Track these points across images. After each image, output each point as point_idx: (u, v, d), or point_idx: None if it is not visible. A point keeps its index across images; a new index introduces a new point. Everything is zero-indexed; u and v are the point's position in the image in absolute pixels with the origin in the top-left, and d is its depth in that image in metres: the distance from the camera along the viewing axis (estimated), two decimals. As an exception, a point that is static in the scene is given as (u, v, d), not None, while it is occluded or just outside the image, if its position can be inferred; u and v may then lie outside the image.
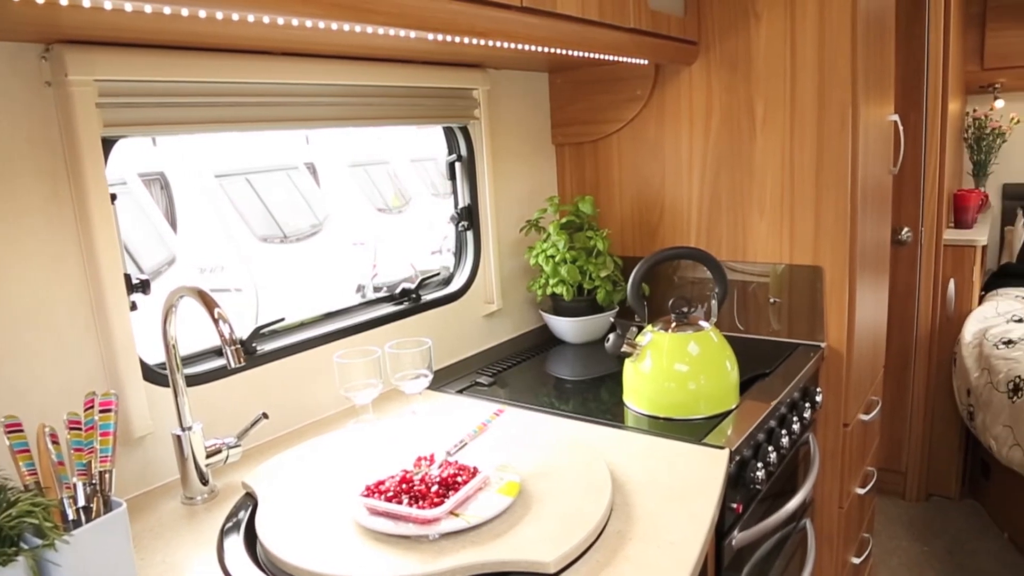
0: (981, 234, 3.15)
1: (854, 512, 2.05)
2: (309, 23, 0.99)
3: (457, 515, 1.03)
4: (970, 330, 2.96)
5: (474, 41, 1.21)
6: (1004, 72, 3.60)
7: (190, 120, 1.25)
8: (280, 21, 0.97)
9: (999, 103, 3.78)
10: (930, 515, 3.13)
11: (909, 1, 2.88)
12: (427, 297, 1.77)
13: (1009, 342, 2.72)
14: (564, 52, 1.46)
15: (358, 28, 1.06)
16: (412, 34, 1.13)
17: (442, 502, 1.03)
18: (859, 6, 1.64)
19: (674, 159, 1.90)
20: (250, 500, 1.18)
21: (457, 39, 1.18)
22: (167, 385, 1.23)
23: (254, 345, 1.42)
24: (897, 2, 2.83)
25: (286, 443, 1.39)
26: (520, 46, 1.31)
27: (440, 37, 1.16)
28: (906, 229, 3.00)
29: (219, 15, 0.90)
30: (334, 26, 1.02)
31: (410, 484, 1.08)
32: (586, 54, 1.53)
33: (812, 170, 1.71)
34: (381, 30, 1.09)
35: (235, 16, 0.90)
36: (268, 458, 1.30)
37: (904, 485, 3.26)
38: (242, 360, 1.08)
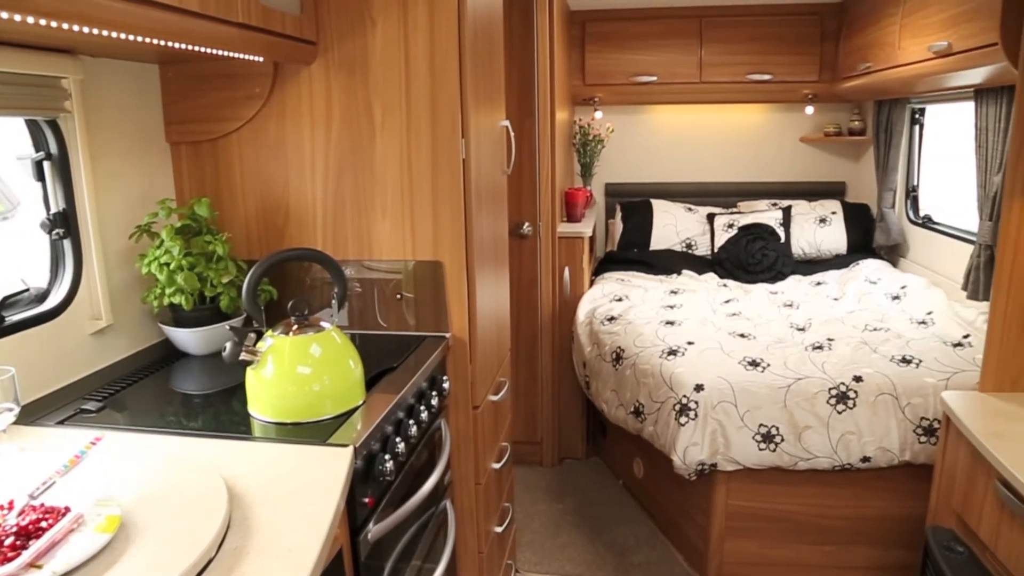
0: (588, 227, 3.62)
1: (492, 486, 2.22)
2: None
3: (39, 567, 0.90)
4: (583, 310, 3.39)
5: (41, 21, 1.06)
6: (601, 88, 4.18)
7: None
8: None
9: (598, 114, 4.38)
10: (563, 477, 3.53)
11: (520, 22, 3.19)
12: (14, 318, 1.52)
13: (612, 319, 3.17)
14: (164, 43, 1.36)
15: None
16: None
17: (18, 555, 0.90)
18: (465, 22, 1.77)
19: (297, 159, 1.88)
20: None
21: (17, 17, 1.03)
22: None
23: None
24: (510, 22, 3.13)
25: None
26: (111, 33, 1.19)
27: (-8, 13, 1.00)
28: (527, 224, 3.33)
29: None
30: None
31: (-23, 540, 0.92)
32: (191, 47, 1.44)
33: (428, 171, 1.81)
34: None
35: None
36: None
37: (541, 453, 3.63)
38: None
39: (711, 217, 4.17)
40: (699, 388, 2.49)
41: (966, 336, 2.70)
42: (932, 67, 2.71)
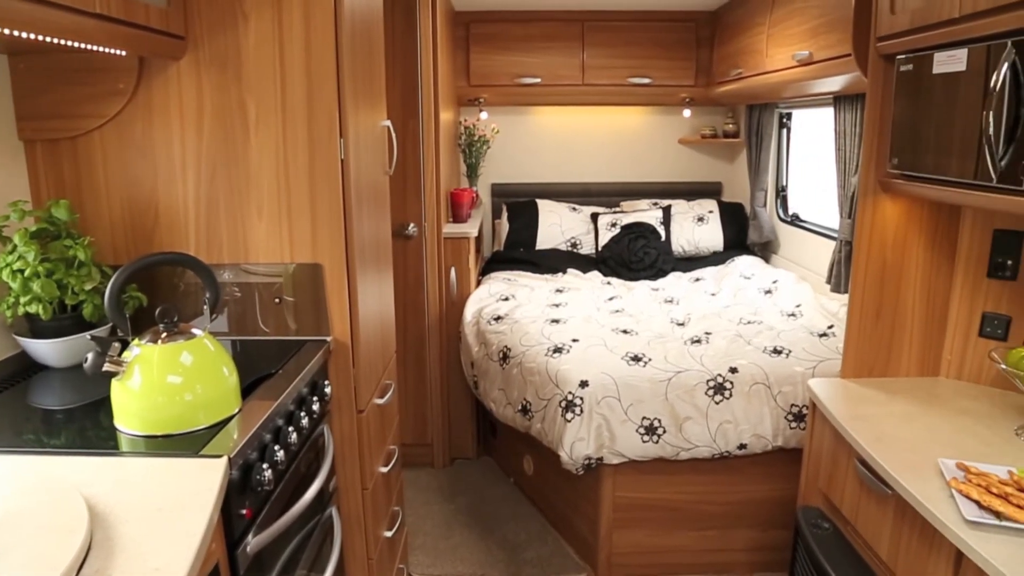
0: (473, 227, 3.63)
1: (380, 490, 2.19)
2: None
3: None
4: (470, 311, 3.40)
5: None
6: (486, 89, 4.21)
7: None
8: None
9: (484, 115, 4.40)
10: (455, 477, 3.53)
11: (403, 21, 3.16)
12: None
13: (498, 318, 3.19)
14: (11, 32, 1.26)
15: None
16: None
17: None
18: (343, 18, 1.73)
19: (166, 159, 1.79)
20: None
21: None
22: None
23: None
24: (392, 21, 3.10)
25: None
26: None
27: None
28: (412, 225, 3.31)
29: None
30: None
31: None
32: (43, 38, 1.34)
33: (306, 171, 1.77)
34: None
35: None
36: None
37: (432, 455, 3.62)
38: None
39: (595, 217, 4.27)
40: (584, 384, 2.54)
41: (830, 327, 2.88)
42: (796, 74, 2.89)
